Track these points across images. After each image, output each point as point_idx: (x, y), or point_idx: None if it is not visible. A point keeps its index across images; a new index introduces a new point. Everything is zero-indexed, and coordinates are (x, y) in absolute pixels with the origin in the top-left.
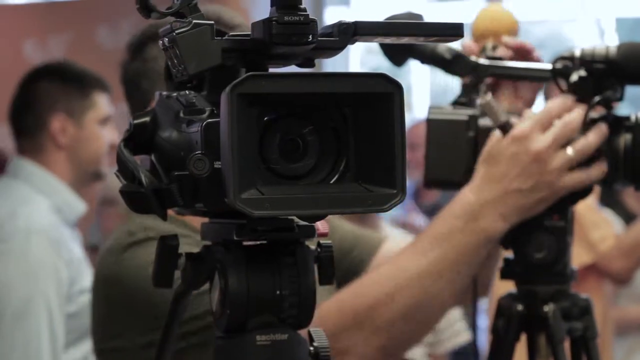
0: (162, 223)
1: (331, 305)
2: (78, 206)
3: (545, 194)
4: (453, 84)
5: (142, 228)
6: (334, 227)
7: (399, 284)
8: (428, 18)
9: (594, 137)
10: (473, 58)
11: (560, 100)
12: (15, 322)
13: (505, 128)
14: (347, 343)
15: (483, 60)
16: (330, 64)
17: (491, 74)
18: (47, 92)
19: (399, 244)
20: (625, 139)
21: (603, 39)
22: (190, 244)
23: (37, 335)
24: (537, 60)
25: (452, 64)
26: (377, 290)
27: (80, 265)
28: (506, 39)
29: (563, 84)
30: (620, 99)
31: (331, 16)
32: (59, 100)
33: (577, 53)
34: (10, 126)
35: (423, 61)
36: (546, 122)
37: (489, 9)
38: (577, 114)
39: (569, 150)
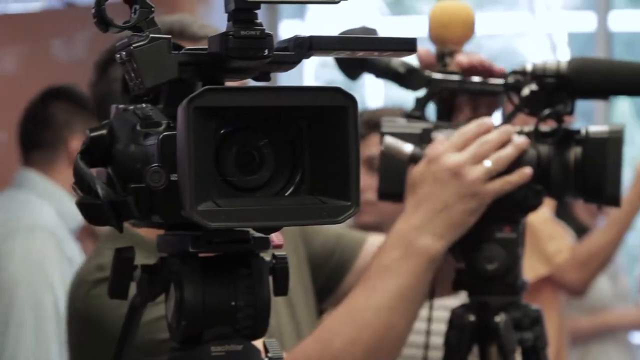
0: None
1: (298, 356)
2: (79, 214)
3: (471, 205)
4: (407, 98)
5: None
6: (316, 230)
7: (359, 326)
8: (382, 32)
9: (511, 149)
10: (427, 72)
11: (475, 123)
12: (23, 317)
13: (415, 158)
14: None
15: (436, 75)
16: (285, 78)
17: (444, 88)
18: (67, 112)
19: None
20: (575, 152)
21: (555, 54)
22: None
23: (44, 328)
24: (499, 74)
25: (406, 78)
26: (339, 336)
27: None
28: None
29: (515, 98)
30: (571, 112)
31: (286, 29)
32: (78, 122)
33: (529, 67)
34: (20, 138)
35: (377, 75)
36: (460, 143)
37: (439, 12)
38: (495, 134)
39: (487, 163)
